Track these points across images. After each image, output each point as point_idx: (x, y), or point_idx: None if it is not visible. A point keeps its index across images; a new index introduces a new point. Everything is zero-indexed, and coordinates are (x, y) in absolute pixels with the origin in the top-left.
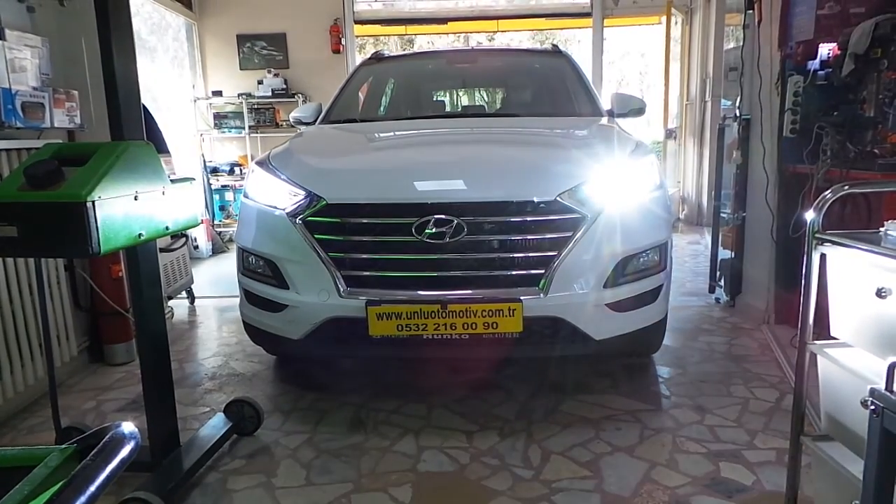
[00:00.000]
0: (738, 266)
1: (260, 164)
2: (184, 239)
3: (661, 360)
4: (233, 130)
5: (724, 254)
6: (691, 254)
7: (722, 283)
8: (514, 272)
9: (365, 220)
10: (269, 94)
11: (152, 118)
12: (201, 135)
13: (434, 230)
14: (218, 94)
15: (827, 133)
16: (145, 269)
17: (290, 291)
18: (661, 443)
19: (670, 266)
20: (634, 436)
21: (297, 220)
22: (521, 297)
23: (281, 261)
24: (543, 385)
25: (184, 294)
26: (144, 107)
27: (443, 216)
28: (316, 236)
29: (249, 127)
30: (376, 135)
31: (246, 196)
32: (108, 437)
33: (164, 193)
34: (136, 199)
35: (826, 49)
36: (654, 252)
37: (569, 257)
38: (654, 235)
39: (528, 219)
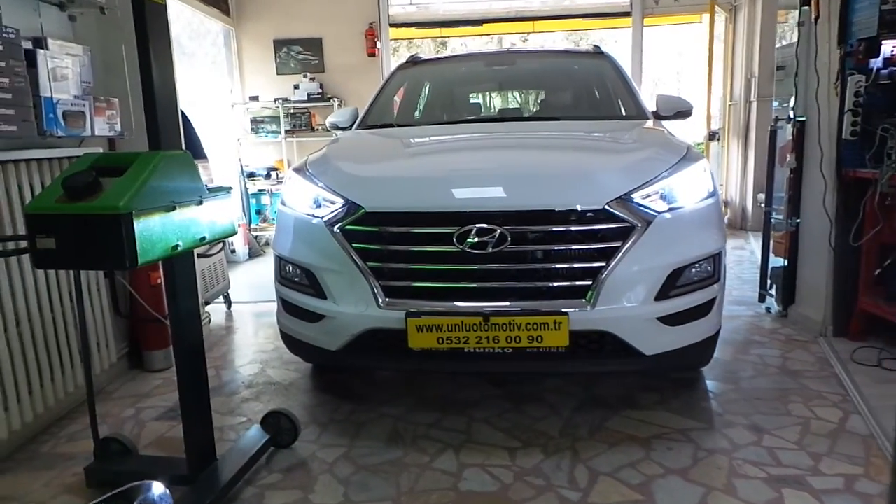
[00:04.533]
0: (792, 274)
1: (297, 170)
2: (221, 244)
3: (711, 373)
4: (269, 135)
5: (776, 261)
6: (736, 260)
7: (773, 292)
8: (559, 284)
9: (404, 230)
10: (305, 98)
11: (190, 124)
12: (238, 139)
13: (476, 240)
14: (255, 98)
15: (892, 135)
16: (181, 279)
17: (328, 301)
18: (717, 465)
19: (724, 277)
20: (687, 457)
21: (335, 228)
22: (568, 310)
23: (318, 270)
24: (587, 399)
25: (221, 299)
26: (183, 113)
27: (485, 225)
28: (354, 245)
29: (286, 131)
30: (414, 140)
31: (283, 203)
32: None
33: (200, 203)
34: (173, 209)
35: (890, 46)
36: (707, 263)
37: (618, 268)
38: (707, 245)
39: (575, 228)
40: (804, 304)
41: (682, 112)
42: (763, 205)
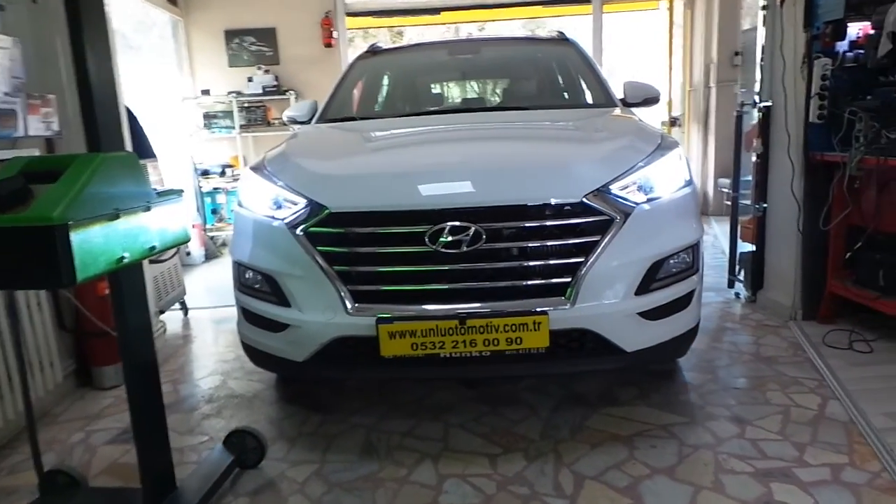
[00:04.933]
0: (760, 260)
1: (255, 169)
2: (174, 248)
3: (688, 364)
4: (223, 130)
5: (744, 247)
6: None
7: (742, 277)
8: (537, 282)
9: (372, 230)
10: (260, 91)
11: (137, 121)
12: (190, 136)
13: (449, 239)
14: (206, 92)
15: (860, 119)
16: (129, 292)
17: (292, 309)
18: (703, 461)
19: (702, 268)
20: (672, 454)
21: (298, 231)
22: (547, 309)
23: (281, 276)
24: (566, 397)
25: (177, 306)
26: (129, 110)
27: (459, 223)
28: (319, 248)
29: (240, 126)
30: (378, 134)
31: (240, 205)
32: None
33: (148, 209)
34: (116, 217)
35: (856, 29)
36: (686, 254)
37: (597, 264)
38: (685, 236)
39: (553, 223)
40: (773, 289)
41: (650, 99)
42: (725, 189)
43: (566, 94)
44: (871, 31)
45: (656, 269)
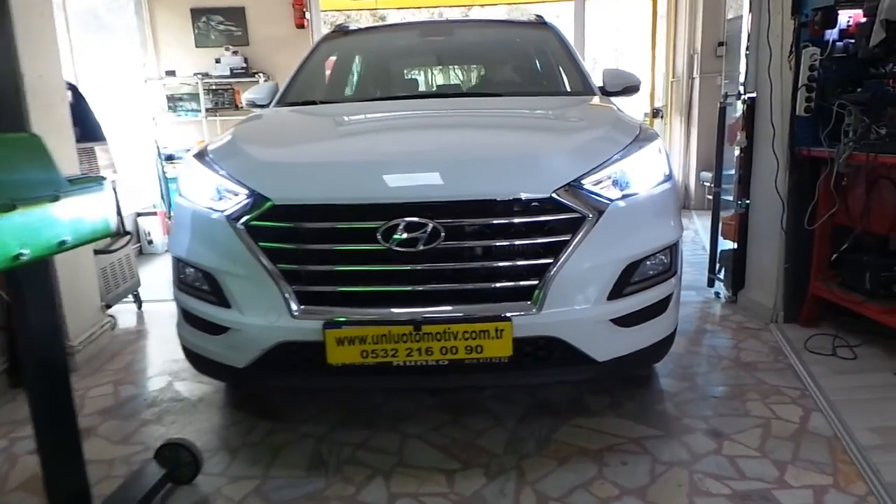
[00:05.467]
0: (742, 258)
1: (197, 156)
2: (128, 237)
3: (664, 369)
4: (189, 113)
5: (725, 244)
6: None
7: (722, 276)
8: (501, 285)
9: (320, 225)
10: (228, 73)
11: (84, 101)
12: (154, 119)
13: (404, 236)
14: (171, 73)
15: (849, 112)
16: (32, 293)
17: (233, 311)
18: (677, 481)
19: (681, 269)
20: (644, 472)
21: (239, 224)
22: (511, 315)
23: (220, 274)
24: (534, 406)
25: (130, 298)
26: (75, 88)
27: (415, 219)
28: (261, 244)
29: (207, 110)
30: (337, 119)
31: (180, 194)
32: None
33: (56, 199)
34: (11, 208)
35: (847, 16)
36: (664, 255)
37: (567, 265)
38: (663, 235)
39: (519, 220)
40: (754, 289)
41: (630, 87)
42: (707, 183)
43: (542, 81)
44: (863, 19)
45: (631, 272)
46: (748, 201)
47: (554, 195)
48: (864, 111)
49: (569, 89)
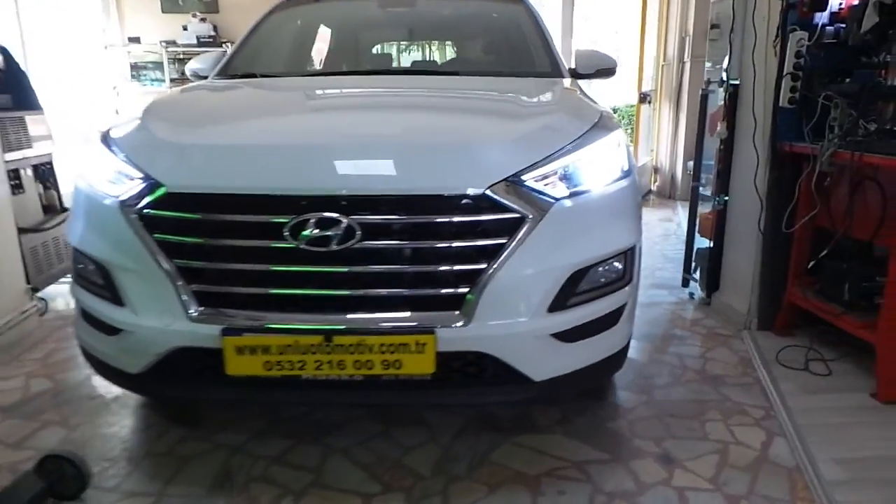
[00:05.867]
0: (717, 258)
1: (103, 135)
2: (62, 216)
3: (623, 380)
4: (153, 83)
5: (702, 242)
6: (662, 234)
7: (697, 275)
8: (425, 292)
9: (219, 217)
10: (195, 42)
11: (15, 65)
12: (115, 88)
13: (315, 233)
14: (135, 40)
15: (836, 105)
16: None
17: (126, 310)
18: None
19: (638, 278)
20: None
21: (132, 213)
22: (435, 327)
23: (114, 268)
24: (475, 419)
25: (68, 278)
26: (5, 51)
27: (328, 214)
28: (156, 236)
29: (171, 80)
30: (264, 96)
31: (79, 176)
32: None
33: None
34: None
35: None
36: (617, 261)
37: (502, 272)
38: (617, 239)
39: (447, 220)
40: (728, 292)
41: (604, 70)
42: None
43: (506, 60)
44: (856, 2)
45: (577, 280)
46: (726, 198)
47: (488, 192)
48: (851, 104)
49: (534, 70)
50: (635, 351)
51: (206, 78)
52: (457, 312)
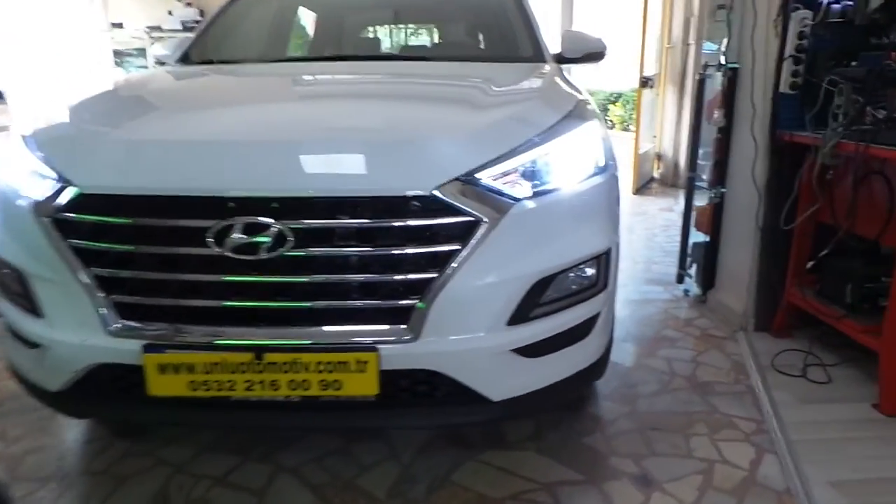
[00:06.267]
0: (713, 254)
1: (23, 132)
2: None
3: (607, 387)
4: (137, 70)
5: (698, 236)
6: (663, 224)
7: (693, 272)
8: (368, 304)
9: (138, 221)
10: (180, 27)
11: None
12: (97, 75)
13: (242, 239)
14: (118, 26)
15: (841, 91)
16: None
17: (43, 323)
18: None
19: (614, 283)
20: None
21: (45, 216)
22: (379, 344)
23: (30, 276)
24: (441, 434)
25: None
26: None
27: (256, 218)
28: (71, 242)
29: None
30: (204, 85)
31: None
32: None
33: None
34: None
35: None
36: (589, 267)
37: (454, 282)
38: (589, 243)
39: (392, 223)
40: (724, 291)
41: (593, 54)
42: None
43: (483, 44)
44: None
45: (542, 290)
46: (723, 190)
47: (436, 193)
48: (858, 90)
49: (515, 55)
50: (622, 354)
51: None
52: (404, 327)
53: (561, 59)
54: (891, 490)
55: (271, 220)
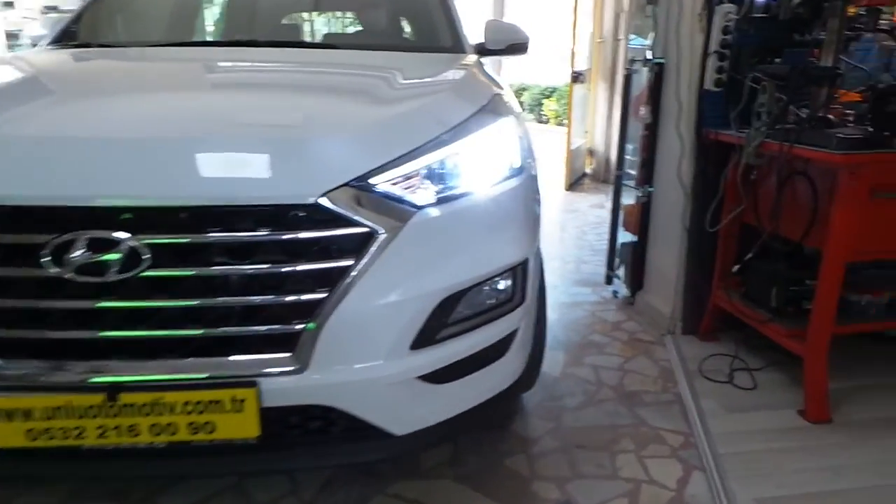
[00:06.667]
0: (641, 255)
1: None
2: None
3: (532, 401)
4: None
5: (627, 236)
6: (594, 222)
7: (621, 273)
8: (246, 330)
9: None
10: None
11: None
12: None
13: (84, 258)
14: (9, 5)
15: (764, 89)
16: None
17: None
18: None
19: (534, 296)
20: None
21: None
22: (258, 377)
23: None
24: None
25: None
26: None
27: (102, 233)
28: None
29: None
30: (59, 72)
31: None
32: None
33: None
34: None
35: None
36: (504, 280)
37: (346, 303)
38: (503, 253)
39: (266, 238)
40: (652, 293)
41: (515, 46)
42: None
43: (395, 33)
44: None
45: (450, 308)
46: (651, 189)
47: (322, 201)
48: (781, 88)
49: (431, 45)
50: (549, 363)
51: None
52: (289, 356)
53: (483, 50)
54: None
55: (123, 235)
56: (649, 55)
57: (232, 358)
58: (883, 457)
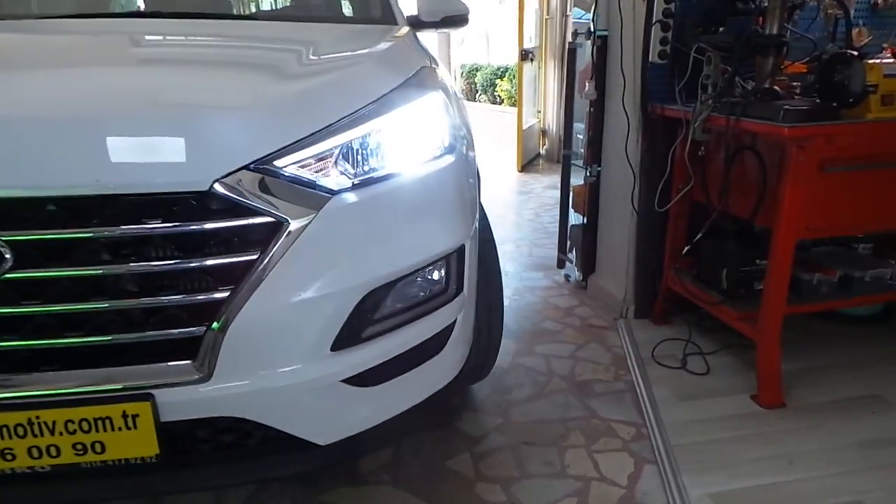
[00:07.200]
0: (592, 237)
1: None
2: None
3: (481, 393)
4: None
5: (577, 218)
6: (548, 203)
7: (573, 255)
8: (137, 337)
9: None
10: None
11: None
12: None
13: None
14: None
15: (709, 60)
16: None
17: None
18: None
19: (472, 285)
20: None
21: None
22: (153, 389)
23: None
24: None
25: None
26: None
27: None
28: None
29: None
30: None
31: None
32: None
33: None
34: None
35: None
36: (437, 268)
37: (254, 301)
38: (434, 240)
39: (154, 231)
40: (604, 275)
41: (454, 18)
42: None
43: (324, 2)
44: None
45: (375, 303)
46: (599, 168)
47: (217, 187)
48: (726, 59)
49: (360, 16)
50: (499, 353)
51: None
52: (189, 363)
53: (417, 22)
54: (767, 499)
55: None
56: (592, 27)
57: (122, 369)
58: (835, 443)
